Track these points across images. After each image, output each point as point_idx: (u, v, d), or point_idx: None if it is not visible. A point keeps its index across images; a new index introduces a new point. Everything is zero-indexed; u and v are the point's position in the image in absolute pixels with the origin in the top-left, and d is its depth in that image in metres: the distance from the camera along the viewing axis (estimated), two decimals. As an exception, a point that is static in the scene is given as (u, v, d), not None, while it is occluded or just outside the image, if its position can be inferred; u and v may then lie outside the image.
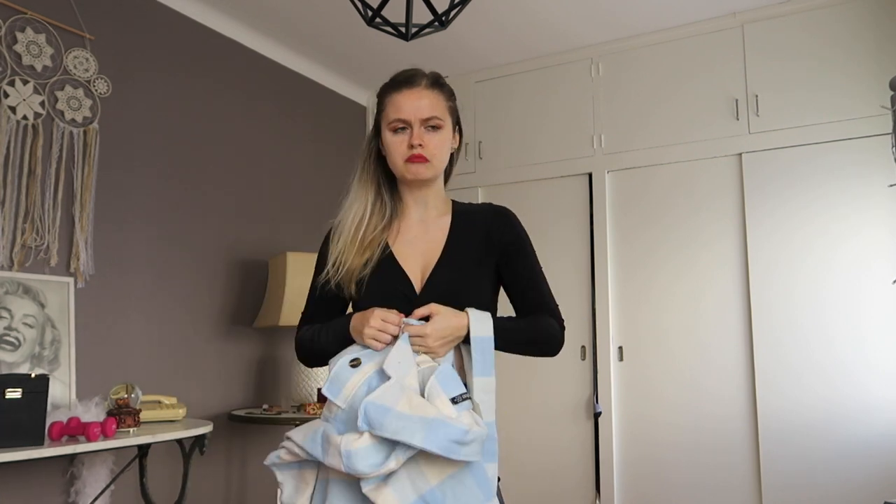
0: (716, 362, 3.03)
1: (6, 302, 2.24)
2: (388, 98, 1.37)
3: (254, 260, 3.23)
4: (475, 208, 1.46)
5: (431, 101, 1.35)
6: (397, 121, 1.35)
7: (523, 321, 1.37)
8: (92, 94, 2.58)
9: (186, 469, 2.42)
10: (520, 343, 1.35)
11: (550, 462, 3.31)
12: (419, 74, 1.37)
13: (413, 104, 1.34)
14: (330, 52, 3.52)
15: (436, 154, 1.35)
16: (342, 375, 1.22)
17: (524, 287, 1.40)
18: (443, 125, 1.36)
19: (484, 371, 1.24)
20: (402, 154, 1.34)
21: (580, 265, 3.39)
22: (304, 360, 1.44)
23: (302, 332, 1.42)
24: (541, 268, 1.43)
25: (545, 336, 1.37)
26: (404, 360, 1.19)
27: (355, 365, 1.22)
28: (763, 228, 2.99)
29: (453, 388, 1.18)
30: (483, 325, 1.27)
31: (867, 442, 2.70)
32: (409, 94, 1.35)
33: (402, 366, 1.18)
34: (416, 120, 1.34)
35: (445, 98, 1.38)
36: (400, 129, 1.35)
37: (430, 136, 1.35)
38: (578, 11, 3.12)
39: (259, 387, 3.22)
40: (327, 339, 1.35)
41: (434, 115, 1.35)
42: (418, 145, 1.33)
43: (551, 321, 1.39)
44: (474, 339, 1.25)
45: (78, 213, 2.49)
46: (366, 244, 1.36)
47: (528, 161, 3.59)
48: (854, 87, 2.88)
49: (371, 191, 1.41)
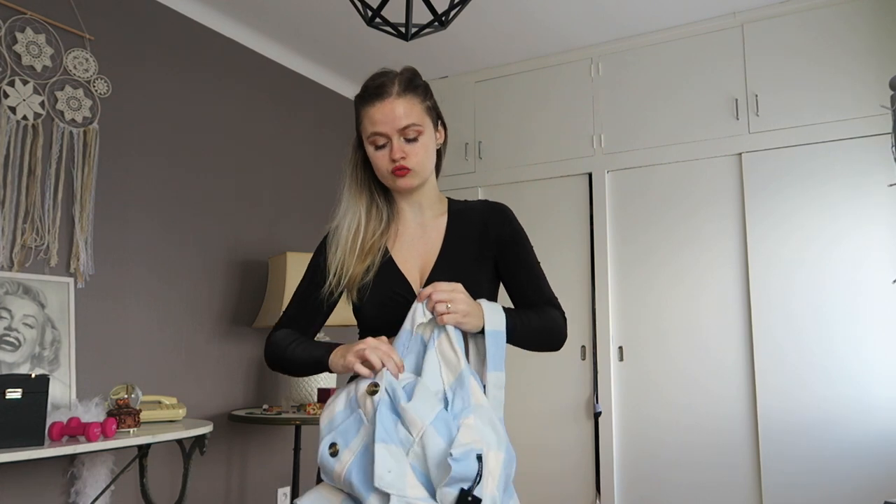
0: (716, 362, 3.03)
1: (6, 302, 2.24)
2: (363, 111, 1.34)
3: (254, 260, 3.24)
4: (471, 206, 1.45)
5: (406, 109, 1.31)
6: (375, 136, 1.32)
7: (531, 312, 1.35)
8: (92, 95, 2.58)
9: (186, 469, 2.42)
10: (529, 333, 1.33)
11: (551, 462, 3.31)
12: (388, 82, 1.32)
13: (387, 116, 1.30)
14: (330, 52, 3.52)
15: (419, 162, 1.33)
16: (327, 465, 1.14)
17: (522, 281, 1.40)
18: (422, 130, 1.33)
19: (497, 366, 1.22)
20: (387, 167, 1.33)
21: (580, 265, 3.39)
22: (269, 360, 1.38)
23: (279, 333, 1.38)
24: (538, 261, 1.42)
25: (551, 327, 1.36)
26: (393, 468, 1.06)
27: (333, 453, 1.13)
28: (763, 228, 2.99)
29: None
30: (496, 315, 1.25)
31: (867, 442, 2.70)
32: (382, 107, 1.30)
33: (394, 473, 1.06)
34: (393, 132, 1.30)
35: (420, 100, 1.34)
36: (380, 146, 1.33)
37: (410, 147, 1.32)
38: (578, 11, 3.12)
39: (259, 387, 3.22)
40: (299, 353, 1.31)
41: (411, 124, 1.31)
42: (400, 158, 1.31)
43: (554, 312, 1.38)
44: (489, 332, 1.23)
45: (78, 213, 2.49)
46: (366, 251, 1.35)
47: (527, 161, 3.59)
48: (854, 86, 2.89)
49: (364, 197, 1.40)
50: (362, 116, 1.35)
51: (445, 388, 1.16)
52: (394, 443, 1.09)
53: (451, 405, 1.14)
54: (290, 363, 1.33)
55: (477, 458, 1.07)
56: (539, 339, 1.36)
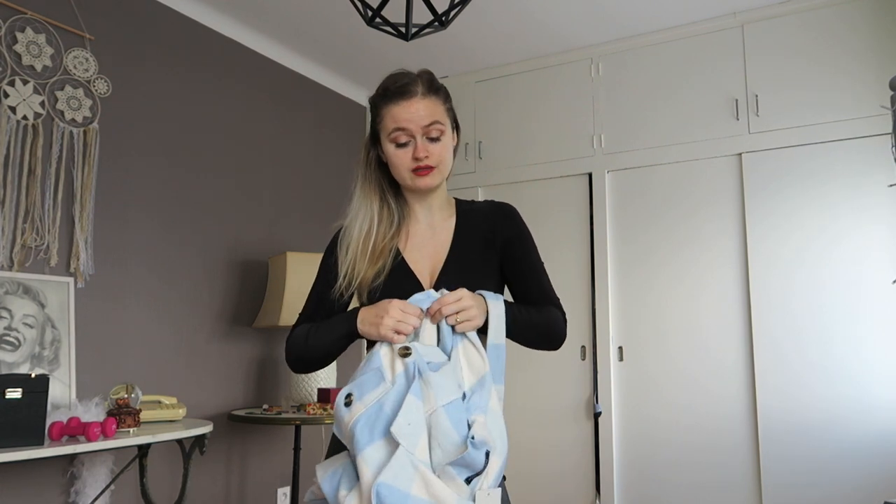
0: (716, 362, 3.03)
1: (6, 302, 2.24)
2: (385, 110, 1.33)
3: (254, 260, 3.24)
4: (478, 207, 1.46)
5: (430, 110, 1.32)
6: (399, 134, 1.32)
7: (533, 308, 1.37)
8: (92, 94, 2.58)
9: (186, 469, 2.42)
10: (527, 327, 1.34)
11: (550, 462, 3.31)
12: (413, 82, 1.33)
13: (412, 116, 1.30)
14: (330, 52, 3.52)
15: (442, 160, 1.34)
16: (339, 414, 1.17)
17: (526, 281, 1.41)
18: (444, 130, 1.34)
19: (497, 379, 1.24)
20: (408, 166, 1.33)
21: (580, 265, 3.39)
22: (293, 362, 1.37)
23: (296, 331, 1.37)
24: (542, 262, 1.43)
25: (550, 325, 1.37)
26: (414, 422, 1.09)
27: (348, 403, 1.16)
28: (763, 228, 2.99)
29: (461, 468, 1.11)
30: (499, 320, 1.26)
31: (867, 442, 2.70)
32: (408, 106, 1.31)
33: (413, 427, 1.09)
34: (418, 130, 1.31)
35: (442, 101, 1.36)
36: (402, 143, 1.33)
37: (433, 146, 1.33)
38: (578, 11, 3.12)
39: (259, 387, 3.22)
40: (322, 336, 1.31)
41: (434, 122, 1.32)
42: (424, 157, 1.31)
43: (556, 312, 1.39)
44: (490, 345, 1.24)
45: (78, 213, 2.49)
46: (377, 253, 1.35)
47: (527, 161, 3.59)
48: (854, 86, 2.88)
49: (375, 199, 1.39)
50: (384, 115, 1.34)
51: (465, 387, 1.18)
52: (422, 402, 1.12)
53: (468, 400, 1.16)
54: (315, 349, 1.33)
55: (486, 454, 1.11)
56: (537, 334, 1.37)
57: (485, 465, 1.10)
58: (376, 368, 1.18)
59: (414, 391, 1.12)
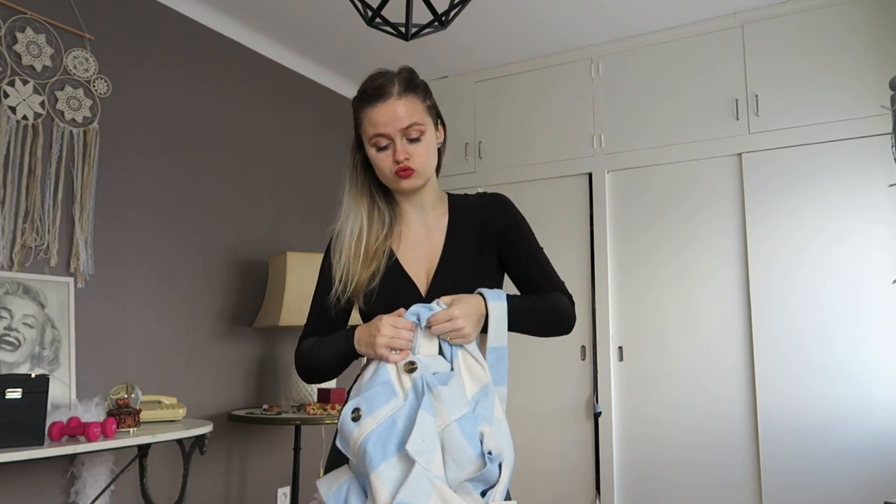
0: (716, 362, 3.03)
1: (6, 302, 2.24)
2: (363, 113, 1.32)
3: (254, 260, 3.24)
4: (470, 201, 1.45)
5: (408, 110, 1.29)
6: (378, 138, 1.30)
7: (537, 297, 1.35)
8: (92, 94, 2.58)
9: (186, 469, 2.42)
10: (534, 319, 1.33)
11: (551, 462, 3.31)
12: (390, 82, 1.30)
13: (389, 118, 1.28)
14: (330, 52, 3.52)
15: (422, 162, 1.32)
16: (346, 429, 1.15)
17: (526, 268, 1.39)
18: (424, 130, 1.31)
19: (499, 381, 1.24)
20: (390, 169, 1.31)
21: (580, 265, 3.39)
22: (302, 374, 1.39)
23: (302, 345, 1.38)
24: (541, 248, 1.41)
25: (556, 309, 1.36)
26: (428, 438, 1.08)
27: (355, 418, 1.14)
28: (763, 228, 2.99)
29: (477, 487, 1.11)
30: (500, 322, 1.25)
31: (867, 442, 2.70)
32: (384, 108, 1.28)
33: (427, 444, 1.08)
34: (396, 133, 1.29)
35: (421, 100, 1.32)
36: (382, 147, 1.31)
37: (413, 147, 1.31)
38: (578, 11, 3.12)
39: (259, 387, 3.22)
40: (324, 354, 1.32)
41: (413, 124, 1.29)
42: (404, 159, 1.30)
43: (561, 297, 1.38)
44: (490, 349, 1.24)
45: (78, 213, 2.49)
46: (370, 255, 1.34)
47: (527, 161, 3.59)
48: (854, 86, 2.88)
49: (365, 201, 1.38)
50: (363, 119, 1.32)
51: (469, 397, 1.19)
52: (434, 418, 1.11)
53: (474, 411, 1.16)
54: (319, 366, 1.34)
55: (499, 466, 1.11)
56: (544, 323, 1.36)
57: (499, 477, 1.11)
58: (385, 382, 1.18)
59: (425, 406, 1.11)
